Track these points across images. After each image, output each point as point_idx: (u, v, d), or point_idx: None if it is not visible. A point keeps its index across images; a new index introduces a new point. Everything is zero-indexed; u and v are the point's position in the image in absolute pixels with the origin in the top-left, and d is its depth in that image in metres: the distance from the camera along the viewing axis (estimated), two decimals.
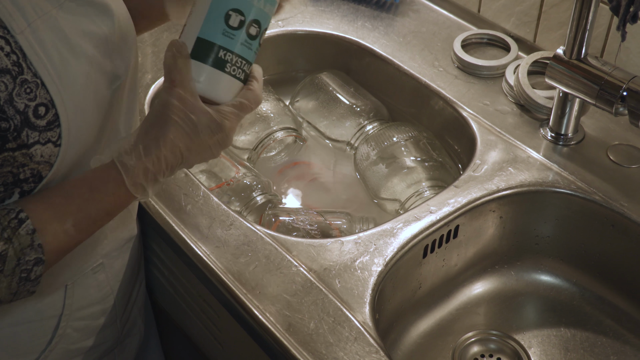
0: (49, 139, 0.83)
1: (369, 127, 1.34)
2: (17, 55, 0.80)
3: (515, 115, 1.29)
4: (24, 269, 0.80)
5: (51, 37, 0.83)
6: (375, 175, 1.27)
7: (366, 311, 0.99)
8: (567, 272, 1.23)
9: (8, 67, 0.79)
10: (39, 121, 0.81)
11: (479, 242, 1.20)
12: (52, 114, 0.82)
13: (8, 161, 0.80)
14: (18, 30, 0.80)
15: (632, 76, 1.10)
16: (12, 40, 0.80)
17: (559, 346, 1.16)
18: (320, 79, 1.41)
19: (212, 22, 0.83)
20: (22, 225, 0.80)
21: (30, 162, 0.82)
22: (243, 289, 1.01)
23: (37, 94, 0.81)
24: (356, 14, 1.53)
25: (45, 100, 0.82)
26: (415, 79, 1.38)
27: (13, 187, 0.84)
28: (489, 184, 1.17)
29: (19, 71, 0.80)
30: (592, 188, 1.16)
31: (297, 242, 1.08)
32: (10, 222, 0.80)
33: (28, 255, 0.80)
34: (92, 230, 0.87)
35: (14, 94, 0.79)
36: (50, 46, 0.82)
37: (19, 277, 0.80)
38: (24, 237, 0.80)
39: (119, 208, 0.88)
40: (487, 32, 1.45)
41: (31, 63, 0.81)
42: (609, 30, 1.28)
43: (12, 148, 0.80)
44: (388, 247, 1.07)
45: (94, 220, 0.86)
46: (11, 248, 0.79)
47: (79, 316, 1.02)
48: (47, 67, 0.82)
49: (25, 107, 0.80)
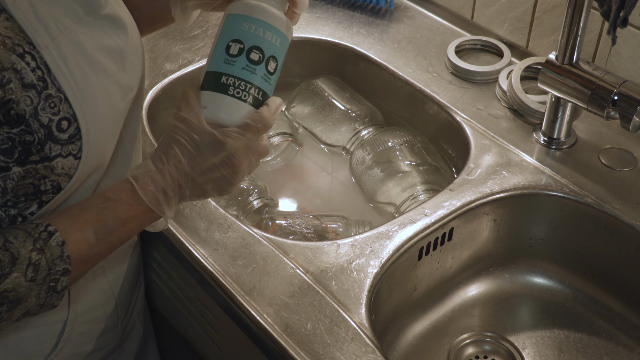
0: (70, 152, 0.85)
1: (364, 132, 1.35)
2: (42, 71, 0.82)
3: (509, 119, 1.31)
4: (53, 279, 0.83)
5: (72, 52, 0.85)
6: (370, 180, 1.28)
7: (362, 312, 1.00)
8: (561, 274, 1.24)
9: (34, 82, 0.81)
10: (61, 135, 0.84)
11: (473, 244, 1.22)
12: (74, 128, 0.84)
13: (30, 173, 0.83)
14: (43, 45, 0.82)
15: (623, 80, 1.11)
16: (37, 55, 0.82)
17: (552, 347, 1.17)
18: (315, 85, 1.42)
19: (216, 56, 0.90)
20: (52, 237, 0.83)
21: (51, 174, 0.84)
22: (241, 290, 1.02)
23: (60, 108, 0.83)
24: (351, 21, 1.54)
25: (67, 114, 0.84)
26: (410, 84, 1.39)
27: (33, 198, 0.86)
28: (483, 187, 1.18)
29: (44, 86, 0.82)
30: (585, 191, 1.17)
31: (294, 245, 1.09)
32: (41, 234, 0.82)
33: (58, 266, 0.83)
34: (111, 241, 0.89)
35: (38, 108, 0.81)
36: (72, 61, 0.84)
37: (48, 286, 0.83)
38: (55, 248, 0.83)
39: (134, 219, 0.89)
40: (481, 38, 1.46)
41: (55, 78, 0.83)
42: (601, 35, 1.30)
43: (35, 160, 0.83)
44: (384, 249, 1.08)
45: (112, 229, 0.88)
46: (44, 258, 0.82)
47: (83, 320, 1.03)
48: (69, 81, 0.84)
49: (49, 121, 0.82)
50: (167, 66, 1.40)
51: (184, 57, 1.44)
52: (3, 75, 0.78)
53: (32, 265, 0.81)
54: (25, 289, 0.81)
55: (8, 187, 0.83)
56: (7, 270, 0.79)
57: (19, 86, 0.79)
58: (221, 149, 0.88)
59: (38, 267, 0.81)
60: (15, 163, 0.82)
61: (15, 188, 0.83)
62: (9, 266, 0.79)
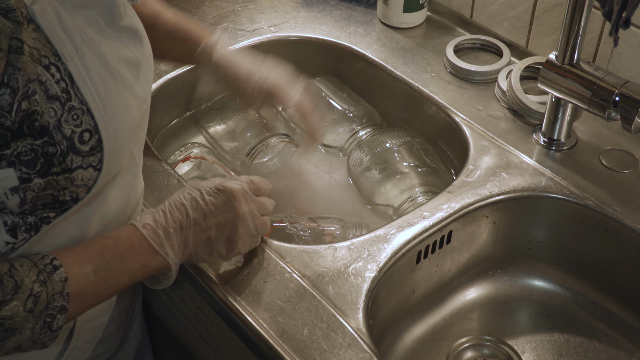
0: (90, 164, 0.85)
1: (362, 132, 1.34)
2: (65, 82, 0.81)
3: (508, 120, 1.30)
4: (50, 314, 0.83)
5: (95, 63, 0.85)
6: (368, 181, 1.27)
7: (360, 317, 0.99)
8: (561, 277, 1.23)
9: (58, 94, 0.80)
10: (83, 146, 0.83)
11: (472, 247, 1.20)
12: (95, 140, 0.84)
13: (51, 184, 0.83)
14: (68, 57, 0.82)
15: (624, 81, 1.10)
16: (62, 67, 0.81)
17: (552, 351, 1.16)
18: (313, 85, 1.41)
19: None
20: (56, 272, 0.84)
21: (71, 185, 0.84)
22: (236, 295, 1.01)
23: (83, 120, 0.83)
24: (349, 20, 1.53)
25: (89, 126, 0.83)
26: (408, 84, 1.38)
27: (51, 208, 0.86)
28: (482, 189, 1.17)
29: (67, 98, 0.81)
30: (585, 193, 1.16)
31: (291, 249, 1.07)
32: (46, 267, 0.84)
33: (56, 301, 0.84)
34: (109, 278, 0.90)
35: (62, 120, 0.81)
36: (95, 73, 0.84)
37: (44, 321, 0.83)
38: (57, 283, 0.84)
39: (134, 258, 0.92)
40: (480, 38, 1.45)
41: (79, 89, 0.82)
42: (601, 35, 1.29)
43: (57, 172, 0.82)
44: (381, 253, 1.07)
45: (110, 266, 0.89)
46: (45, 291, 0.82)
47: (88, 327, 1.02)
48: (92, 93, 0.84)
49: (71, 132, 0.82)
50: (162, 66, 1.39)
51: None
52: (29, 87, 0.78)
53: (32, 297, 0.81)
54: (22, 320, 0.81)
55: (27, 197, 0.82)
56: (9, 297, 0.80)
57: (44, 98, 0.79)
58: (221, 191, 0.97)
59: (38, 300, 0.82)
60: (37, 175, 0.81)
61: (34, 199, 0.83)
62: (11, 293, 0.80)
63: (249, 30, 1.50)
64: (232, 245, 0.99)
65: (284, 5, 1.57)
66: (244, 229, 0.99)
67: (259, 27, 1.50)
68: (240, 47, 1.23)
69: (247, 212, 0.99)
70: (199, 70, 1.24)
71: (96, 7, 0.87)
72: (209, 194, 0.97)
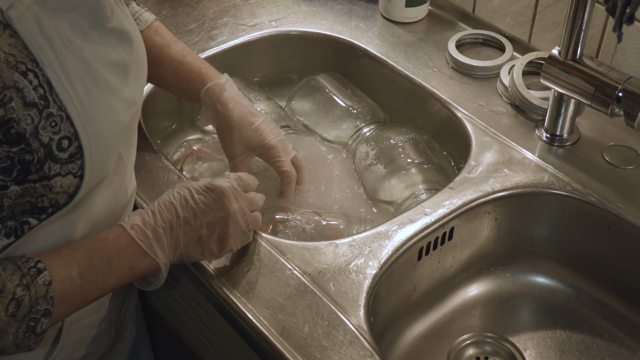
0: (70, 171, 0.84)
1: (366, 129, 1.34)
2: (43, 89, 0.80)
3: (510, 116, 1.29)
4: (33, 318, 0.83)
5: (76, 68, 0.83)
6: (373, 176, 1.26)
7: (361, 314, 0.98)
8: (563, 274, 1.22)
9: (35, 101, 0.79)
10: (61, 154, 0.82)
11: (474, 244, 1.20)
12: (75, 147, 0.83)
13: (28, 192, 0.82)
14: (47, 63, 0.80)
15: (627, 77, 1.09)
16: (40, 73, 0.80)
17: (554, 348, 1.15)
18: (316, 81, 1.40)
19: None
20: (40, 275, 0.83)
21: (49, 192, 0.83)
22: (237, 292, 1.00)
23: (62, 127, 0.82)
24: (350, 14, 1.52)
25: (69, 133, 0.82)
26: (410, 79, 1.37)
27: (30, 214, 0.85)
28: (484, 185, 1.16)
29: (45, 104, 0.80)
30: (588, 189, 1.16)
31: (291, 245, 1.07)
32: (30, 270, 0.83)
33: (40, 305, 0.83)
34: (96, 281, 0.89)
35: (39, 127, 0.80)
36: (76, 78, 0.83)
37: (27, 325, 0.83)
38: (41, 287, 0.83)
39: (122, 260, 0.91)
40: (482, 32, 1.44)
41: (57, 96, 0.81)
42: (605, 30, 1.28)
43: (34, 180, 0.81)
44: (383, 249, 1.06)
45: (97, 269, 0.89)
46: (27, 295, 0.82)
47: (77, 327, 1.01)
48: (72, 100, 0.82)
49: (49, 140, 0.81)
50: None
51: None
52: (5, 94, 0.77)
53: (14, 301, 0.81)
54: (4, 324, 0.81)
55: (5, 204, 0.82)
56: None
57: (21, 105, 0.78)
58: (210, 190, 0.97)
59: (20, 304, 0.81)
60: (14, 182, 0.80)
61: (12, 206, 0.82)
62: None
63: (249, 25, 1.49)
64: (224, 243, 0.98)
65: (285, 0, 1.56)
66: (235, 226, 0.98)
67: (260, 22, 1.50)
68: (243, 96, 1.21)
69: (237, 209, 0.98)
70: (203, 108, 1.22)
71: (80, 10, 0.85)
72: (198, 193, 0.97)
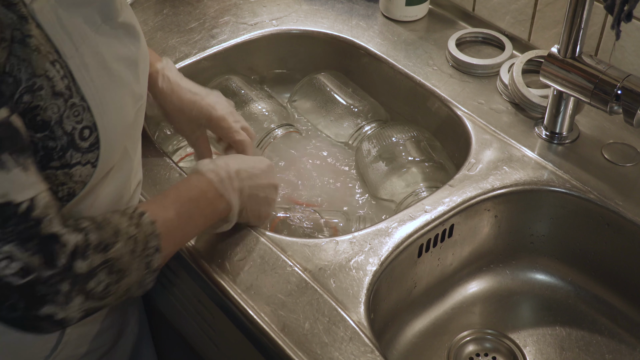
0: (89, 161, 0.86)
1: (367, 127, 1.34)
2: (68, 80, 0.82)
3: (510, 114, 1.29)
4: (148, 254, 0.88)
5: (93, 61, 0.85)
6: (374, 173, 1.27)
7: (361, 311, 0.99)
8: (562, 271, 1.23)
9: (62, 91, 0.81)
10: (83, 143, 0.84)
11: (474, 241, 1.20)
12: (95, 137, 0.85)
13: (50, 178, 0.83)
14: (69, 54, 0.82)
15: (626, 75, 1.10)
16: (64, 64, 0.82)
17: (554, 345, 1.16)
18: (318, 80, 1.41)
19: None
20: (144, 216, 0.89)
21: (69, 181, 0.85)
22: (238, 289, 1.01)
23: (84, 117, 0.84)
24: (351, 13, 1.52)
25: (89, 123, 0.84)
26: (410, 77, 1.37)
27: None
28: (483, 183, 1.17)
29: (70, 95, 0.82)
30: (587, 187, 1.16)
31: (292, 242, 1.07)
32: (134, 213, 0.89)
33: (151, 242, 0.89)
34: (189, 221, 0.96)
35: (64, 116, 0.82)
36: (93, 71, 0.85)
37: (144, 261, 0.88)
38: (147, 225, 0.89)
39: (207, 202, 0.98)
40: (482, 31, 1.45)
41: (79, 87, 0.83)
42: (604, 28, 1.28)
43: (55, 167, 0.83)
44: (383, 246, 1.07)
45: (189, 210, 0.96)
46: (139, 233, 0.87)
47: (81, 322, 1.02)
48: (92, 91, 0.84)
49: (72, 129, 0.83)
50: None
51: (180, 51, 1.42)
52: (34, 81, 0.78)
53: (131, 238, 0.86)
54: (128, 260, 0.85)
55: None
56: (113, 240, 0.83)
57: (50, 93, 0.80)
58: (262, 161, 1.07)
59: (136, 240, 0.86)
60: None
61: None
62: (113, 237, 0.84)
63: (250, 23, 1.49)
64: (270, 208, 1.08)
65: None
66: (275, 196, 1.08)
67: (261, 21, 1.50)
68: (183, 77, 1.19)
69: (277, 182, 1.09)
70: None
71: (93, 5, 0.87)
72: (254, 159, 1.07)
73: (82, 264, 0.80)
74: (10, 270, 0.76)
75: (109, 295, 0.84)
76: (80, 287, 0.80)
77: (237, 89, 1.39)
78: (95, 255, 0.81)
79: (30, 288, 0.77)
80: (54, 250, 0.78)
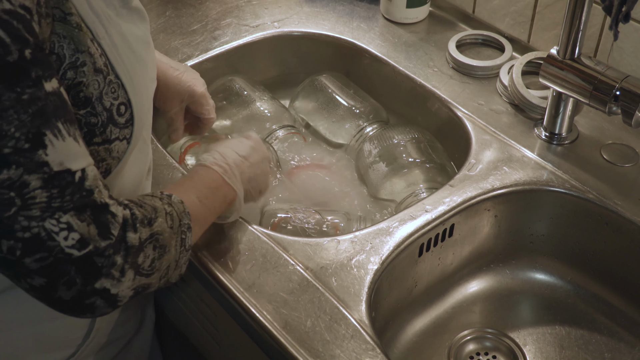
0: (125, 136, 0.88)
1: (369, 128, 1.35)
2: (104, 57, 0.84)
3: (510, 114, 1.30)
4: (183, 230, 0.90)
5: (120, 42, 0.87)
6: (375, 174, 1.27)
7: (362, 309, 0.99)
8: (562, 270, 1.23)
9: (101, 67, 0.83)
10: (120, 118, 0.86)
11: (474, 240, 1.21)
12: (129, 113, 0.87)
13: (92, 155, 0.84)
14: (100, 35, 0.84)
15: (625, 75, 1.10)
16: (97, 44, 0.83)
17: (554, 344, 1.17)
18: (319, 81, 1.42)
19: None
20: (172, 197, 0.91)
21: (108, 157, 0.87)
22: (240, 287, 1.02)
23: (119, 93, 0.86)
24: (352, 15, 1.53)
25: (124, 99, 0.86)
26: (410, 79, 1.38)
27: None
28: (484, 183, 1.18)
29: (107, 72, 0.84)
30: (586, 187, 1.17)
31: (294, 241, 1.08)
32: (162, 195, 0.91)
33: (184, 219, 0.91)
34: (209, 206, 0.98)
35: (103, 92, 0.83)
36: (122, 51, 0.87)
37: (180, 238, 0.89)
38: (178, 204, 0.91)
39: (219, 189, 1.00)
40: (482, 33, 1.46)
41: (113, 66, 0.85)
42: (602, 29, 1.29)
43: (98, 142, 0.85)
44: (384, 245, 1.08)
45: (207, 196, 0.98)
46: (174, 210, 0.89)
47: None
48: (123, 69, 0.86)
49: (110, 105, 0.85)
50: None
51: (183, 52, 1.43)
52: (77, 57, 0.80)
53: (168, 215, 0.88)
54: (169, 235, 0.87)
55: None
56: (154, 215, 0.85)
57: (92, 70, 0.82)
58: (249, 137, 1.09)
59: (172, 216, 0.88)
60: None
61: None
62: (153, 213, 0.85)
63: (252, 25, 1.50)
64: (267, 180, 1.10)
65: (287, 1, 1.57)
66: (268, 166, 1.11)
67: (263, 23, 1.51)
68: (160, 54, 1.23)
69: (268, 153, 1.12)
70: None
71: None
72: (240, 141, 1.08)
73: (134, 236, 0.81)
74: (70, 242, 0.76)
75: (154, 271, 0.85)
76: (132, 261, 0.81)
77: (240, 90, 1.40)
78: (143, 228, 0.83)
79: (89, 259, 0.77)
80: (107, 220, 0.79)
